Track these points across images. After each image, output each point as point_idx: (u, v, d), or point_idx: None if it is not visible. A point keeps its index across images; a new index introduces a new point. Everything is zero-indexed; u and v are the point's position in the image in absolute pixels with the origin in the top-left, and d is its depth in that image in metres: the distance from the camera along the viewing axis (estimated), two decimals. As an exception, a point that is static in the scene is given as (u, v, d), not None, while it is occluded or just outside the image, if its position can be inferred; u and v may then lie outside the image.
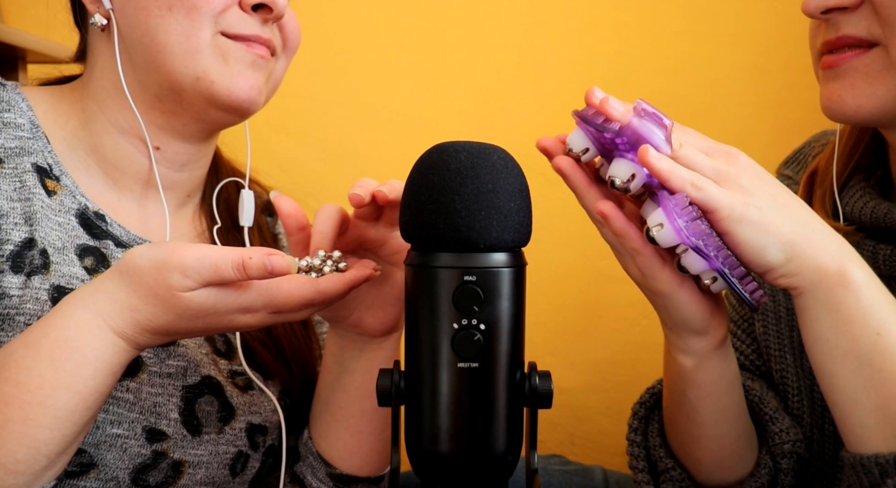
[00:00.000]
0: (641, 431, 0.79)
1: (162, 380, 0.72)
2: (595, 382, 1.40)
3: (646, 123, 0.56)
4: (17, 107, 0.73)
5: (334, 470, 0.78)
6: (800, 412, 0.82)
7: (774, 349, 0.85)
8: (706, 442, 0.72)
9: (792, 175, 0.88)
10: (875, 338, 0.57)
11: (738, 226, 0.56)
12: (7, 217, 0.68)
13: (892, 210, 0.72)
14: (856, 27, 0.66)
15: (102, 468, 0.68)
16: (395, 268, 0.71)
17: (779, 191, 0.58)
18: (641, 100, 0.58)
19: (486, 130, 1.37)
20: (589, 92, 0.59)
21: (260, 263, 0.56)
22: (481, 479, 0.54)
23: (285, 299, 0.59)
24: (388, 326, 0.74)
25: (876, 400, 0.57)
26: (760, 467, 0.75)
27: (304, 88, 1.36)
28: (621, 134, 0.56)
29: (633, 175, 0.56)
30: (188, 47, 0.70)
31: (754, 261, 0.57)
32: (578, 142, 0.60)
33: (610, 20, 1.36)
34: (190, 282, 0.56)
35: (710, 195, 0.55)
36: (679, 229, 0.55)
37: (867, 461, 0.58)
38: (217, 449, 0.75)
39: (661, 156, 0.55)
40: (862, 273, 0.57)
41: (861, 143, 0.79)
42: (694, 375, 0.67)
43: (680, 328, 0.65)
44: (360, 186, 0.66)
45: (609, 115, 0.57)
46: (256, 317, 0.60)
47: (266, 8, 0.73)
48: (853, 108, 0.67)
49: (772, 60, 1.31)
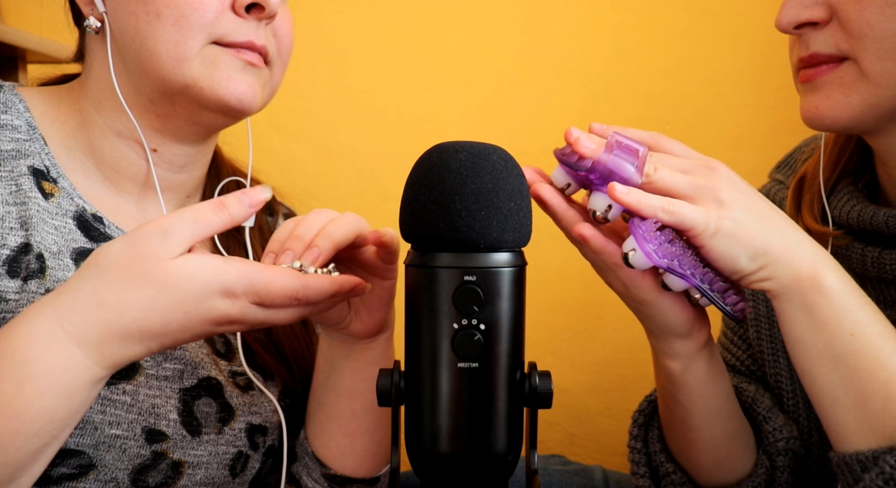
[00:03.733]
0: (641, 438, 0.82)
1: (159, 383, 0.72)
2: (595, 382, 1.40)
3: (614, 158, 0.60)
4: (14, 108, 0.73)
5: (329, 471, 0.78)
6: (795, 414, 0.83)
7: (768, 353, 0.86)
8: (702, 445, 0.74)
9: (783, 179, 0.90)
10: (849, 339, 0.59)
11: (713, 239, 0.59)
12: (3, 221, 0.68)
13: (878, 213, 0.74)
14: (825, 45, 0.69)
15: (102, 469, 0.68)
16: (373, 277, 0.72)
17: (756, 202, 0.61)
18: (616, 132, 0.62)
19: (486, 130, 1.37)
20: (567, 132, 0.63)
21: (237, 195, 0.54)
22: (481, 479, 0.54)
23: (267, 285, 0.55)
24: (374, 329, 0.74)
25: (853, 399, 0.59)
26: (758, 467, 0.77)
27: (305, 88, 1.36)
28: (593, 170, 0.61)
29: (609, 206, 0.61)
30: (176, 55, 0.70)
31: (728, 269, 0.60)
32: (560, 179, 0.65)
33: (610, 20, 1.36)
34: (171, 243, 0.53)
35: (682, 217, 0.58)
36: (649, 253, 0.58)
37: (849, 459, 0.60)
38: (217, 450, 0.75)
39: (630, 189, 0.59)
40: (835, 277, 0.60)
41: (847, 149, 0.81)
42: (682, 378, 0.69)
43: (664, 333, 0.67)
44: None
45: (581, 154, 0.61)
46: (237, 305, 0.55)
47: (258, 7, 0.72)
48: (831, 119, 0.70)
49: (772, 60, 1.31)
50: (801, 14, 0.69)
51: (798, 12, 0.70)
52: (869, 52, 0.66)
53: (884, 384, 0.58)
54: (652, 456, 0.80)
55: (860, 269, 0.76)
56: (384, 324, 0.75)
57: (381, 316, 0.74)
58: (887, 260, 0.74)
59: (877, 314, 0.61)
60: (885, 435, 0.58)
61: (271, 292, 0.56)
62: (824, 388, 0.61)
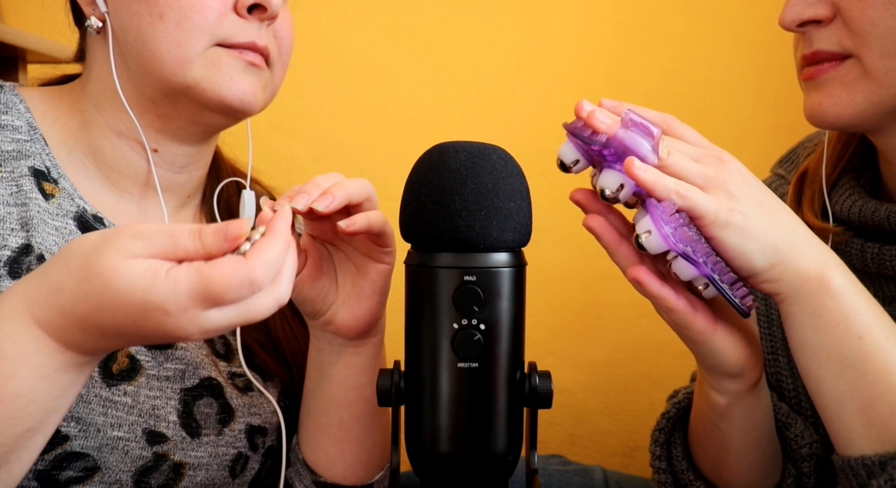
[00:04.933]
0: (665, 457, 0.80)
1: (160, 383, 0.72)
2: (595, 382, 1.40)
3: (631, 135, 0.57)
4: (15, 109, 0.73)
5: (319, 478, 0.78)
6: (798, 412, 0.83)
7: (768, 352, 0.86)
8: (738, 468, 0.73)
9: (785, 174, 0.89)
10: (857, 342, 0.58)
11: (723, 231, 0.57)
12: (3, 222, 0.67)
13: (878, 209, 0.74)
14: (828, 42, 0.69)
15: (106, 471, 0.68)
16: (368, 260, 0.69)
17: (766, 198, 0.60)
18: (630, 109, 0.59)
19: (486, 130, 1.37)
20: (578, 104, 0.60)
21: (216, 228, 0.49)
22: (481, 479, 0.54)
23: (207, 283, 0.48)
24: (363, 324, 0.71)
25: (860, 403, 0.58)
26: (786, 476, 0.76)
27: (305, 88, 1.36)
28: (608, 146, 0.58)
29: (621, 185, 0.58)
30: (178, 56, 0.70)
31: (740, 266, 0.59)
32: (569, 155, 0.61)
33: (609, 20, 1.36)
34: (137, 246, 0.49)
35: (695, 202, 0.57)
36: (666, 236, 0.56)
37: (854, 463, 0.59)
38: (216, 451, 0.75)
39: (647, 166, 0.56)
40: (843, 278, 0.59)
41: (850, 145, 0.81)
42: (727, 411, 0.68)
43: (715, 371, 0.65)
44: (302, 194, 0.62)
45: (596, 128, 0.58)
46: (187, 316, 0.48)
47: (260, 7, 0.72)
48: (833, 116, 0.69)
49: (772, 60, 1.31)
50: (804, 12, 0.69)
51: (802, 10, 0.69)
52: (872, 50, 0.66)
53: (892, 388, 0.57)
54: (678, 475, 0.79)
55: (860, 265, 0.76)
56: (374, 320, 0.72)
57: (371, 305, 0.70)
58: (887, 255, 0.73)
59: (883, 315, 0.60)
60: (892, 441, 0.57)
61: (218, 287, 0.48)
62: (830, 392, 0.60)
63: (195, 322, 0.49)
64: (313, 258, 0.70)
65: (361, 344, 0.73)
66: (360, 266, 0.70)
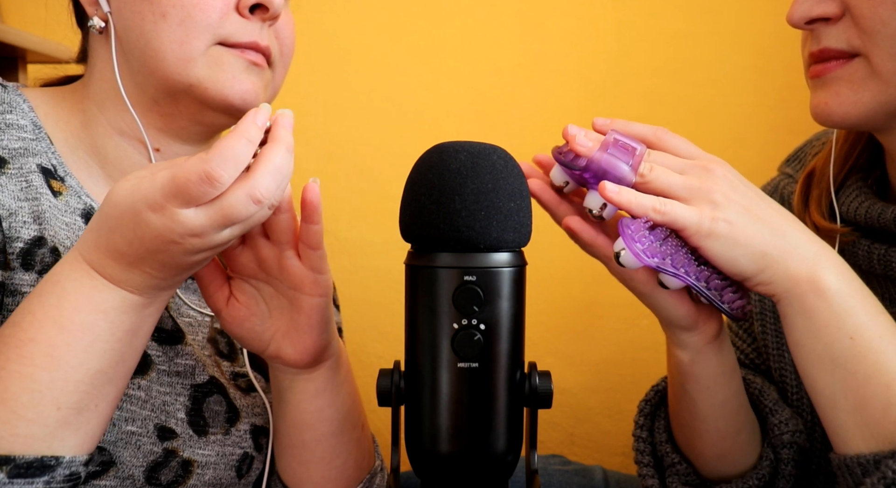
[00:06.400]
0: (647, 427, 0.82)
1: (170, 379, 0.72)
2: (595, 382, 1.40)
3: (608, 157, 0.60)
4: (19, 108, 0.73)
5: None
6: (800, 409, 0.83)
7: (773, 348, 0.86)
8: (707, 436, 0.74)
9: (792, 173, 0.89)
10: (849, 343, 0.59)
11: (707, 240, 0.59)
12: (16, 215, 0.68)
13: (886, 210, 0.74)
14: (836, 40, 0.68)
15: (120, 466, 0.68)
16: (299, 294, 0.65)
17: (754, 203, 0.61)
18: (615, 129, 0.62)
19: (486, 130, 1.37)
20: (565, 129, 0.63)
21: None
22: (481, 479, 0.54)
23: (173, 177, 0.52)
24: (309, 355, 0.68)
25: (853, 403, 0.59)
26: (762, 459, 0.77)
27: (305, 88, 1.36)
28: (587, 169, 0.61)
29: (604, 204, 0.61)
30: (181, 55, 0.70)
31: (730, 272, 0.60)
32: (558, 178, 0.67)
33: (610, 20, 1.36)
34: (143, 172, 0.55)
35: (674, 216, 0.59)
36: (637, 253, 0.58)
37: (850, 462, 0.60)
38: (224, 450, 0.75)
39: (621, 188, 0.59)
40: (836, 279, 0.60)
41: (858, 145, 0.81)
42: (690, 368, 0.70)
43: (669, 324, 0.68)
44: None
45: (577, 152, 0.62)
46: (168, 215, 0.53)
47: (262, 8, 0.73)
48: (840, 115, 0.69)
49: (772, 60, 1.32)
50: (813, 9, 0.69)
51: (810, 7, 0.69)
52: (881, 50, 0.65)
53: (884, 388, 0.58)
54: (657, 446, 0.80)
55: (866, 266, 0.76)
56: (319, 351, 0.68)
57: (311, 340, 0.67)
58: (894, 257, 0.73)
59: (880, 315, 0.60)
60: (885, 439, 0.58)
61: (180, 181, 0.52)
62: (824, 391, 0.61)
63: (177, 221, 0.53)
64: (241, 299, 0.67)
65: (314, 370, 0.71)
66: (291, 300, 0.66)
